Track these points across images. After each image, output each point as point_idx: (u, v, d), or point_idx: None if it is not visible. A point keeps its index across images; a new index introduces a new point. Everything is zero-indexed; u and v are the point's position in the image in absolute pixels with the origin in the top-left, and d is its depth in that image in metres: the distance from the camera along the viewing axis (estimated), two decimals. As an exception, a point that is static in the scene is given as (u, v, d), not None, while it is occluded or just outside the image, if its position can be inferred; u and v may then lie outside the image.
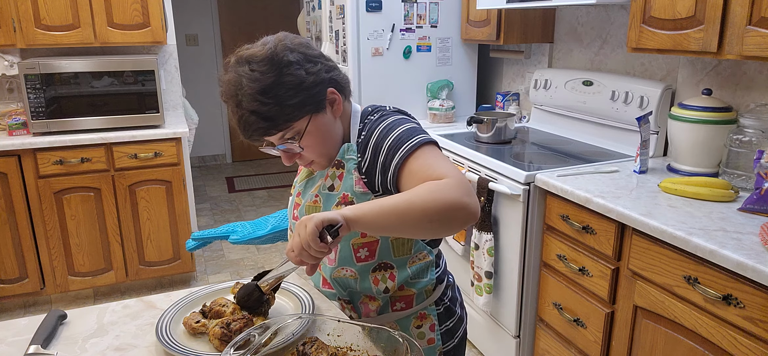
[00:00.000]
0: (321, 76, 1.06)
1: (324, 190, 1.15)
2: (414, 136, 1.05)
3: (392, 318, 1.20)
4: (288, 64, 1.02)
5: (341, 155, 1.13)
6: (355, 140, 1.14)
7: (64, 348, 1.06)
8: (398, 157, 1.04)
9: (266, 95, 1.01)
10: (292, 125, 1.05)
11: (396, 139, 1.06)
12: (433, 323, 1.23)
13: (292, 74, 1.02)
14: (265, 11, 6.08)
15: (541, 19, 2.81)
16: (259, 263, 3.71)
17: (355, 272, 1.15)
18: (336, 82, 1.10)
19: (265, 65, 1.01)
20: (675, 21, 1.77)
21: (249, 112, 1.01)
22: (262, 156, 6.53)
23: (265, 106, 1.01)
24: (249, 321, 1.06)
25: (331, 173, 1.14)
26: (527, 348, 2.28)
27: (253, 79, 1.01)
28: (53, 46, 2.98)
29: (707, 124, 1.87)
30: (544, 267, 2.11)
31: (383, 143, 1.07)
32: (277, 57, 1.02)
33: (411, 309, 1.21)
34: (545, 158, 2.29)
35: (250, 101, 1.01)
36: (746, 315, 1.35)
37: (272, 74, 1.01)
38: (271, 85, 1.01)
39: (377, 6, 2.90)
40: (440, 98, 3.09)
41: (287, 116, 1.03)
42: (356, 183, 1.11)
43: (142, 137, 3.00)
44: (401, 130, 1.07)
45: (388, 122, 1.10)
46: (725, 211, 1.63)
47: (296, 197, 1.25)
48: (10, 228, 2.91)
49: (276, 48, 1.03)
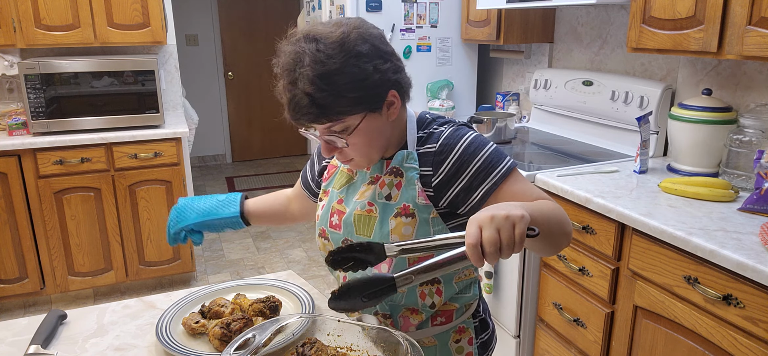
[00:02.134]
0: (387, 76, 1.00)
1: (380, 198, 1.09)
2: (504, 159, 1.04)
3: (431, 333, 1.16)
4: (357, 54, 0.96)
5: (399, 162, 1.08)
6: (413, 147, 1.09)
7: (64, 348, 1.06)
8: (491, 181, 1.02)
9: (325, 81, 0.94)
10: (344, 118, 0.98)
11: (486, 161, 1.03)
12: (471, 336, 1.19)
13: (359, 67, 0.96)
14: (265, 11, 6.08)
15: (541, 19, 2.81)
16: (259, 263, 3.71)
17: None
18: (400, 85, 1.04)
19: (333, 49, 0.94)
20: (675, 21, 1.77)
21: (303, 93, 0.94)
22: (262, 156, 6.53)
23: (322, 92, 0.94)
24: (249, 321, 1.06)
25: (389, 181, 1.08)
26: (527, 348, 2.28)
27: (316, 59, 0.94)
28: (53, 46, 2.98)
29: (707, 124, 1.87)
30: (544, 266, 2.11)
31: (471, 163, 1.03)
32: (348, 44, 0.95)
33: (451, 323, 1.17)
34: (545, 158, 2.29)
35: (307, 83, 0.94)
36: (746, 315, 1.35)
37: (338, 61, 0.94)
38: (333, 71, 0.94)
39: (377, 6, 2.90)
40: (440, 98, 3.09)
41: (341, 108, 0.97)
42: (419, 194, 1.06)
43: (142, 137, 3.00)
44: (489, 151, 1.05)
45: (470, 139, 1.06)
46: (725, 211, 1.63)
47: (337, 203, 1.16)
48: (10, 228, 2.91)
49: (349, 34, 0.96)
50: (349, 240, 1.12)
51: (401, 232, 1.06)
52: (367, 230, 1.09)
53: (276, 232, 4.25)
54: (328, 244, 1.18)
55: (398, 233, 1.06)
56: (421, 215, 1.06)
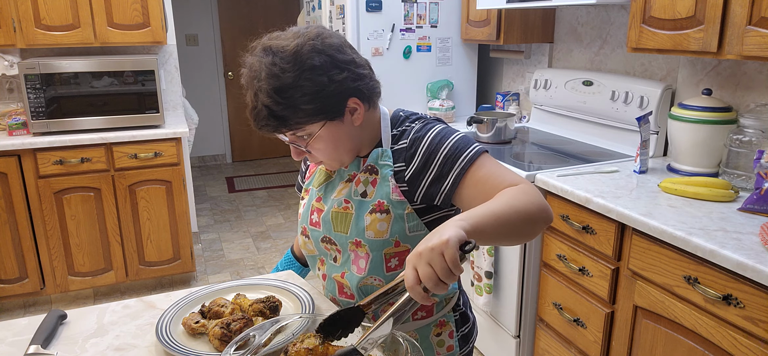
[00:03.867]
0: (344, 85, 1.02)
1: (356, 196, 1.11)
2: (471, 144, 1.04)
3: (412, 327, 1.18)
4: (311, 68, 0.98)
5: (374, 160, 1.10)
6: (388, 146, 1.11)
7: (64, 348, 1.06)
8: (459, 166, 1.02)
9: (281, 95, 0.97)
10: (302, 127, 1.02)
11: (452, 148, 1.04)
12: (452, 329, 1.21)
13: (312, 80, 0.98)
14: (265, 11, 6.08)
15: (541, 19, 2.81)
16: (259, 263, 3.71)
17: (383, 280, 1.13)
18: (360, 91, 1.05)
19: (287, 63, 0.97)
20: (675, 21, 1.77)
21: (262, 105, 0.99)
22: (262, 156, 6.53)
23: (278, 105, 0.98)
24: (249, 321, 1.06)
25: (364, 178, 1.11)
26: (527, 348, 2.28)
27: (271, 74, 0.97)
28: (53, 46, 2.98)
29: (707, 124, 1.87)
30: (544, 266, 2.11)
31: (438, 152, 1.04)
32: (300, 58, 0.98)
33: (431, 317, 1.19)
34: (545, 158, 2.29)
35: (265, 96, 0.97)
36: (746, 315, 1.35)
37: (291, 74, 0.97)
38: (288, 86, 0.97)
39: (377, 6, 2.90)
40: (440, 98, 3.09)
41: (299, 119, 1.00)
42: (393, 191, 1.08)
43: (142, 137, 3.00)
44: (456, 138, 1.05)
45: (437, 130, 1.08)
46: (725, 211, 1.63)
47: (315, 201, 1.19)
48: (10, 228, 2.91)
49: (303, 48, 0.98)
50: (329, 237, 1.16)
51: (376, 228, 1.08)
52: (343, 226, 1.12)
53: (276, 232, 4.25)
54: (308, 242, 1.22)
55: (373, 229, 1.08)
56: (396, 211, 1.08)
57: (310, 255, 1.25)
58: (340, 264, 1.17)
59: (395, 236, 1.09)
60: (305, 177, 1.29)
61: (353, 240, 1.12)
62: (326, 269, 1.21)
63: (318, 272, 1.25)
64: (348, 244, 1.13)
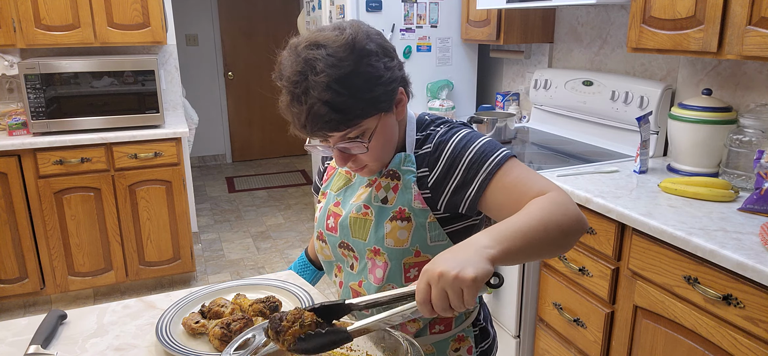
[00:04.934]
0: (396, 73, 0.98)
1: (376, 202, 1.06)
2: (498, 149, 0.98)
3: (430, 341, 1.13)
4: (368, 53, 0.93)
5: (396, 165, 1.05)
6: (411, 150, 1.06)
7: (64, 348, 1.06)
8: (485, 171, 0.96)
9: (342, 85, 0.91)
10: (361, 122, 0.95)
11: (478, 152, 0.98)
12: (471, 345, 1.16)
13: (372, 65, 0.94)
14: (265, 11, 6.08)
15: (541, 19, 2.81)
16: (259, 263, 3.71)
17: None
18: (406, 82, 1.02)
19: (344, 51, 0.92)
20: (675, 21, 1.77)
21: (321, 102, 0.90)
22: (262, 156, 6.53)
23: (340, 96, 0.91)
24: (249, 321, 1.06)
25: (385, 184, 1.05)
26: (527, 348, 2.28)
27: (329, 64, 0.90)
28: (53, 46, 2.98)
29: (707, 124, 1.87)
30: (544, 266, 2.11)
31: (462, 157, 0.99)
32: (358, 44, 0.93)
33: (450, 331, 1.14)
34: (545, 158, 2.29)
35: (324, 90, 0.90)
36: (746, 315, 1.35)
37: (351, 62, 0.92)
38: (349, 73, 0.91)
39: (377, 6, 2.90)
40: (440, 98, 3.09)
41: (360, 110, 0.94)
42: (415, 198, 1.03)
43: (142, 137, 3.00)
44: (482, 143, 0.99)
45: (463, 134, 1.02)
46: (725, 211, 1.63)
47: (333, 205, 1.14)
48: (10, 228, 2.91)
49: (356, 35, 0.94)
50: (346, 243, 1.11)
51: (396, 236, 1.04)
52: (362, 233, 1.08)
53: (276, 232, 4.25)
54: (325, 247, 1.17)
55: (393, 237, 1.04)
56: (418, 219, 1.03)
57: (326, 261, 1.20)
58: (356, 273, 1.12)
59: (416, 246, 1.04)
60: (323, 179, 1.23)
61: (372, 248, 1.07)
62: (343, 276, 1.16)
63: (335, 279, 1.20)
64: (366, 252, 1.08)
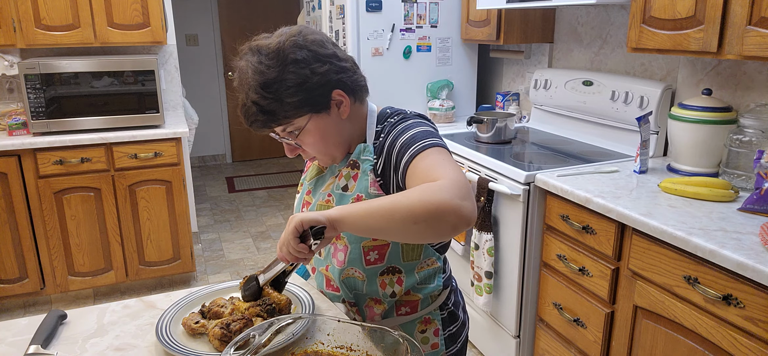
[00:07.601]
0: (327, 78, 1.06)
1: (337, 189, 1.15)
2: (427, 138, 1.05)
3: (396, 323, 1.20)
4: (293, 61, 1.03)
5: (356, 155, 1.13)
6: (371, 141, 1.14)
7: (64, 348, 1.06)
8: (408, 155, 1.03)
9: (267, 89, 1.03)
10: (291, 121, 1.07)
11: (409, 138, 1.06)
12: (437, 328, 1.23)
13: (295, 73, 1.03)
14: (265, 11, 6.08)
15: (541, 19, 2.81)
16: (259, 263, 3.71)
17: (363, 274, 1.15)
18: (344, 84, 1.09)
19: (270, 59, 1.03)
20: (675, 21, 1.77)
21: (251, 102, 1.04)
22: (262, 156, 6.53)
23: (266, 99, 1.03)
24: (249, 322, 1.06)
25: (346, 172, 1.14)
26: (527, 348, 2.28)
27: (257, 71, 1.03)
28: (53, 46, 2.98)
29: (707, 124, 1.87)
30: (544, 266, 2.11)
31: (396, 142, 1.08)
32: (283, 53, 1.03)
33: (416, 313, 1.21)
34: (545, 158, 2.29)
35: (253, 92, 1.03)
36: (746, 315, 1.35)
37: (275, 69, 1.03)
38: (272, 80, 1.03)
39: (377, 6, 2.90)
40: (440, 98, 3.09)
41: (286, 112, 1.05)
42: (371, 185, 1.10)
43: (142, 137, 3.00)
44: (416, 131, 1.07)
45: (407, 123, 1.10)
46: (725, 211, 1.63)
47: (306, 194, 1.24)
48: (10, 228, 2.91)
49: (284, 44, 1.04)
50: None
51: None
52: None
53: (276, 232, 4.25)
54: None
55: None
56: None
57: None
58: (323, 257, 1.22)
59: None
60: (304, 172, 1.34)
61: None
62: (314, 262, 1.26)
63: (308, 264, 1.30)
64: None
